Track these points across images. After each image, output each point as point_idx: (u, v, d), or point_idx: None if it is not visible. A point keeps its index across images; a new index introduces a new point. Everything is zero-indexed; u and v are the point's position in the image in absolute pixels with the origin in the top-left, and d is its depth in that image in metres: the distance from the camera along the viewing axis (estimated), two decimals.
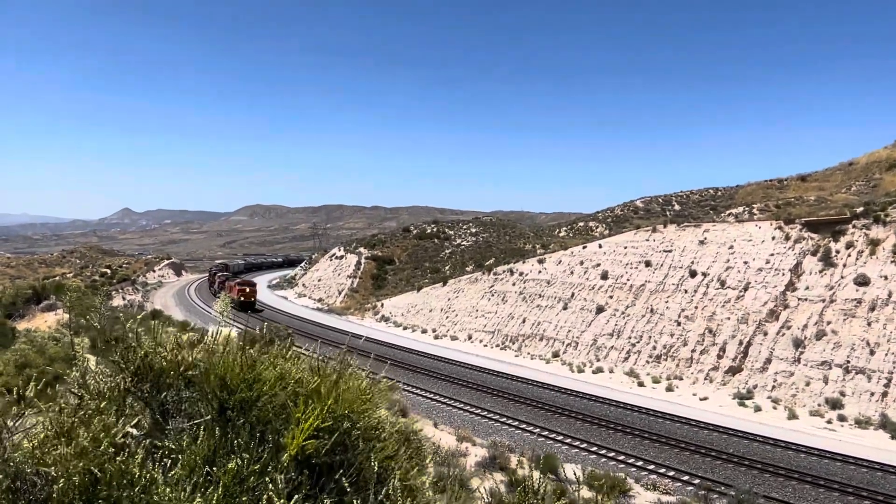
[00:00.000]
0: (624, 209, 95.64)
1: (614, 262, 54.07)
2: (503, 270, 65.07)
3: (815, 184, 67.69)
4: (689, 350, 41.68)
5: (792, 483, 21.87)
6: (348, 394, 2.44)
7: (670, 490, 18.08)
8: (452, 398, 33.12)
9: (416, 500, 2.28)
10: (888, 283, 36.11)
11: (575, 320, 51.37)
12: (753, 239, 46.07)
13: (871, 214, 40.70)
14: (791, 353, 36.88)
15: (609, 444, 25.90)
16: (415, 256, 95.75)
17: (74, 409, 2.48)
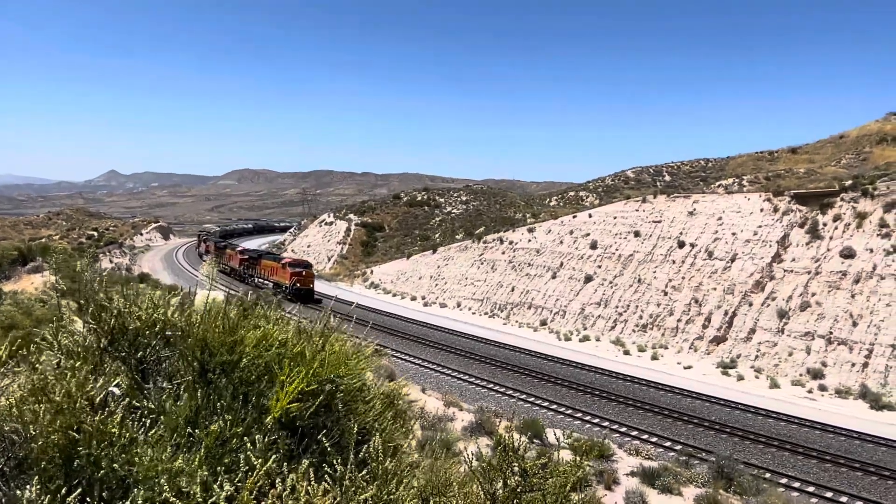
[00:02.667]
0: (615, 179, 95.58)
1: (604, 232, 54.20)
2: (493, 239, 65.09)
3: (806, 156, 67.82)
4: (675, 320, 42.13)
5: (771, 450, 22.36)
6: (333, 357, 2.41)
7: (652, 455, 18.43)
8: (441, 364, 33.40)
9: (398, 460, 2.27)
10: (873, 256, 36.48)
11: (563, 289, 51.66)
12: (742, 210, 46.26)
13: (860, 188, 40.90)
14: (775, 323, 37.37)
15: (594, 410, 26.30)
16: (405, 224, 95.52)
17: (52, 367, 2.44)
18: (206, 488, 1.87)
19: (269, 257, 62.70)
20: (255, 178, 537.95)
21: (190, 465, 1.94)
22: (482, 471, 2.17)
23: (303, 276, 52.59)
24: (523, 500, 1.94)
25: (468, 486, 2.23)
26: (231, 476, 1.94)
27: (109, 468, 1.96)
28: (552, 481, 2.03)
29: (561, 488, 1.99)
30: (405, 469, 2.48)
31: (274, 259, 60.51)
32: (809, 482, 19.13)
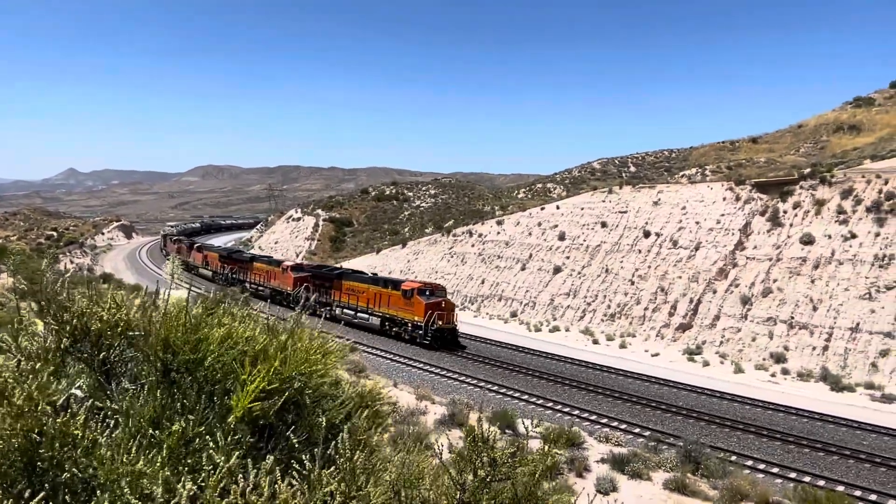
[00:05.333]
0: (582, 171, 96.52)
1: (571, 223, 54.74)
2: (462, 232, 65.23)
3: (766, 145, 69.36)
4: (642, 308, 42.81)
5: (737, 433, 22.91)
6: (298, 354, 2.39)
7: (622, 442, 18.75)
8: (412, 358, 33.38)
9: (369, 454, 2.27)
10: (831, 241, 37.56)
11: (533, 280, 52.07)
12: (705, 200, 47.16)
13: (818, 175, 42.04)
14: (739, 310, 38.25)
15: (565, 399, 26.59)
16: (373, 218, 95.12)
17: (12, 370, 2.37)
18: (169, 489, 1.85)
19: (319, 271, 47.57)
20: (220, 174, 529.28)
21: (152, 466, 1.91)
22: (453, 461, 2.19)
23: (442, 309, 35.52)
24: (493, 489, 1.96)
25: (440, 478, 2.24)
26: (195, 476, 1.92)
27: (72, 471, 1.92)
28: (521, 470, 2.06)
29: (530, 476, 2.01)
30: (377, 463, 2.49)
31: (329, 274, 45.42)
32: (774, 463, 19.66)
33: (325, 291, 43.54)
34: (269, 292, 48.53)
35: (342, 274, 43.77)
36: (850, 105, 69.77)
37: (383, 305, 38.18)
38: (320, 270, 47.31)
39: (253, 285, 52.63)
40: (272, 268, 51.70)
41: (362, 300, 39.91)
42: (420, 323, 35.16)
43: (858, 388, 29.92)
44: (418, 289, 36.28)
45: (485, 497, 1.92)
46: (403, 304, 36.55)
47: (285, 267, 49.64)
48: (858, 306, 33.70)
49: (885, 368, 30.83)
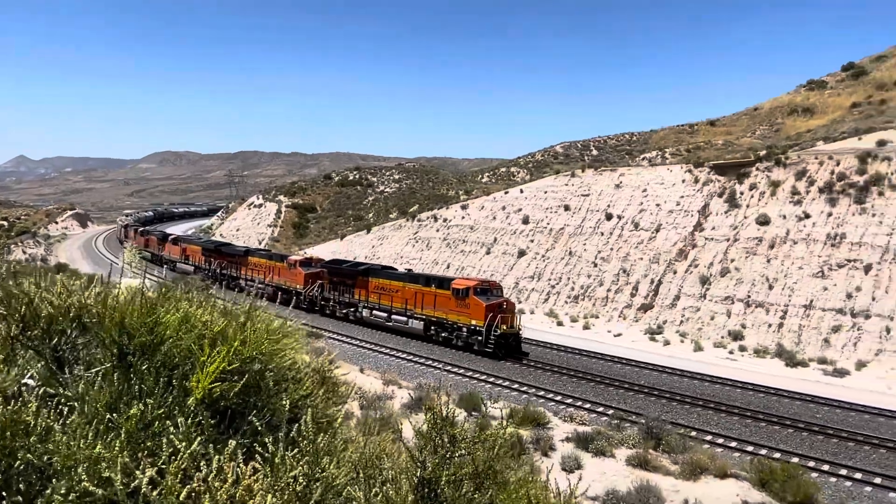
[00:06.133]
0: (544, 154, 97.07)
1: (535, 207, 55.15)
2: (427, 217, 65.18)
3: (724, 128, 70.78)
4: (604, 290, 43.51)
5: (697, 409, 23.56)
6: (256, 336, 2.36)
7: (586, 421, 19.11)
8: (378, 344, 33.35)
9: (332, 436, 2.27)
10: (786, 222, 38.67)
11: (498, 264, 52.41)
12: (665, 182, 47.99)
13: (773, 157, 43.12)
14: (698, 289, 39.18)
15: (530, 381, 26.93)
16: (337, 204, 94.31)
17: None
18: (128, 474, 1.81)
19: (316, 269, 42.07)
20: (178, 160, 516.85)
21: (111, 451, 1.87)
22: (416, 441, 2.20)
23: (504, 311, 30.92)
24: (453, 465, 1.97)
25: (401, 456, 2.25)
26: (155, 460, 1.89)
27: (26, 459, 1.87)
28: (481, 445, 2.08)
29: (489, 451, 2.04)
30: (340, 444, 2.48)
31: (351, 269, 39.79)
32: (732, 437, 20.29)
33: (347, 290, 38.87)
34: (273, 291, 43.66)
35: (369, 270, 38.69)
36: (804, 88, 71.58)
37: (427, 307, 33.39)
38: (340, 266, 41.50)
39: (249, 283, 46.77)
40: (274, 263, 46.32)
41: (397, 300, 35.17)
42: (478, 327, 30.51)
43: (812, 363, 31.02)
44: (474, 287, 31.58)
45: (444, 473, 1.93)
46: (455, 306, 31.76)
47: (293, 262, 44.20)
48: (812, 284, 34.85)
49: (837, 344, 32.01)
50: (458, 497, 1.88)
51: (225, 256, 52.60)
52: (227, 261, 51.63)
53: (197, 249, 58.07)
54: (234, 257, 51.37)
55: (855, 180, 37.54)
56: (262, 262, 47.76)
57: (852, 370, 29.75)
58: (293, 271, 43.47)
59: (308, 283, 41.84)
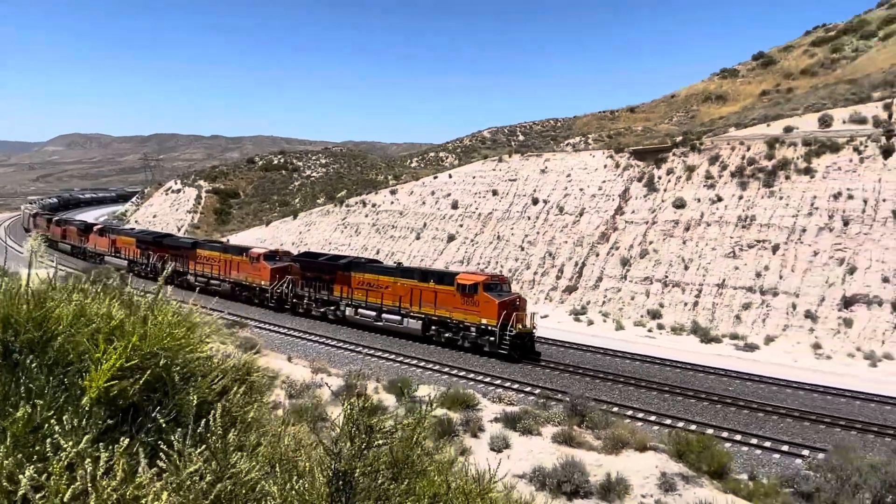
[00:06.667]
0: (472, 139, 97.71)
1: (464, 192, 55.49)
2: (356, 202, 64.45)
3: (643, 115, 73.22)
4: (532, 273, 44.39)
5: (619, 386, 24.49)
6: (158, 329, 2.22)
7: (514, 401, 19.48)
8: (307, 332, 32.83)
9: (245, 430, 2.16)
10: (701, 205, 40.50)
11: (427, 249, 52.50)
12: (588, 167, 49.27)
13: (688, 143, 44.98)
14: (619, 271, 40.57)
15: (460, 364, 27.21)
16: (261, 189, 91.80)
17: None
18: (14, 480, 1.66)
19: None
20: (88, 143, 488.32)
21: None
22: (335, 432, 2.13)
23: (517, 308, 28.34)
24: (371, 456, 1.92)
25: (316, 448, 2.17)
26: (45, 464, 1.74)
27: None
28: (400, 434, 2.04)
29: (407, 440, 2.00)
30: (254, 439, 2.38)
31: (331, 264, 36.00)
32: (651, 412, 21.21)
33: (325, 286, 35.43)
34: (231, 288, 40.98)
35: (351, 264, 35.18)
36: (718, 76, 74.94)
37: (426, 304, 30.53)
38: (315, 260, 37.44)
39: (200, 279, 43.09)
40: (231, 256, 41.95)
41: (388, 297, 32.12)
42: (490, 326, 27.97)
43: (725, 338, 32.79)
44: (484, 283, 28.84)
45: (359, 465, 1.88)
46: (461, 303, 29.10)
47: (256, 255, 40.12)
48: (724, 264, 36.72)
49: (748, 320, 33.93)
50: (373, 488, 1.83)
51: (166, 249, 47.29)
52: (170, 254, 46.23)
53: (129, 241, 51.93)
54: (178, 250, 46.36)
55: (764, 165, 39.68)
56: (214, 255, 43.22)
57: (761, 345, 31.65)
58: (256, 266, 39.64)
59: (275, 279, 38.38)
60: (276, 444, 2.38)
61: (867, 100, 41.26)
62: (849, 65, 59.74)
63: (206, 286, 41.25)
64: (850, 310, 31.86)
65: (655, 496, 12.10)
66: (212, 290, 40.91)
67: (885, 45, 59.79)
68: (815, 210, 35.96)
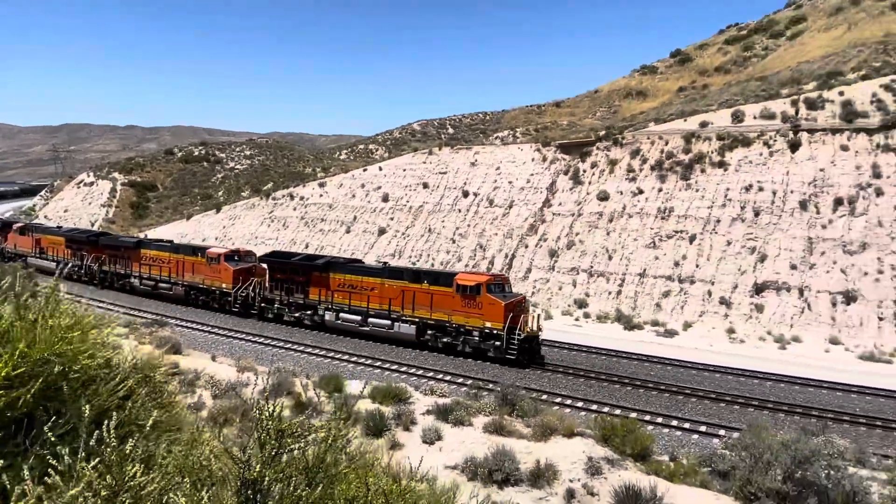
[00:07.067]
0: (402, 132, 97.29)
1: (394, 185, 55.20)
2: (283, 195, 62.99)
3: (568, 109, 74.92)
4: (463, 265, 44.68)
5: (548, 374, 25.02)
6: (51, 334, 2.03)
7: (446, 393, 19.55)
8: (233, 329, 31.85)
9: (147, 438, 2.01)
10: (623, 197, 41.84)
11: (358, 243, 51.96)
12: (517, 160, 49.99)
13: (611, 137, 46.33)
14: (547, 262, 41.43)
15: (392, 357, 27.08)
16: (181, 182, 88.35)
17: None
18: None
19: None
20: None
21: None
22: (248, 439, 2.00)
23: (523, 310, 26.84)
24: (283, 463, 1.82)
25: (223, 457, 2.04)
26: None
27: None
28: (315, 437, 1.95)
29: (323, 443, 1.91)
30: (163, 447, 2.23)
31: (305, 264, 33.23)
32: (578, 398, 21.78)
33: (299, 288, 32.70)
34: (185, 291, 37.72)
35: (330, 264, 32.41)
36: (638, 73, 77.52)
37: (420, 307, 28.40)
38: (288, 260, 34.37)
39: (147, 281, 39.84)
40: (184, 257, 38.27)
41: (375, 300, 29.83)
42: (495, 330, 26.15)
43: (646, 325, 34.07)
44: (487, 283, 26.83)
45: (269, 472, 1.77)
46: (462, 306, 27.09)
47: (215, 255, 36.54)
48: (645, 254, 38.11)
49: (667, 307, 35.36)
50: (286, 496, 1.74)
51: (103, 249, 43.25)
52: (109, 255, 42.59)
53: (58, 241, 47.09)
54: (118, 250, 42.37)
55: (681, 159, 41.36)
56: (163, 255, 39.40)
57: (680, 330, 33.08)
58: (216, 267, 36.19)
59: (238, 282, 35.27)
60: (189, 452, 2.24)
61: (776, 96, 43.67)
62: (759, 62, 63.08)
63: (154, 290, 39.16)
64: (761, 296, 33.74)
65: (582, 480, 12.42)
66: (161, 293, 38.85)
67: (792, 44, 63.45)
68: (728, 202, 37.81)
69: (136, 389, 2.46)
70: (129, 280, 41.18)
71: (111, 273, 42.40)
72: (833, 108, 39.37)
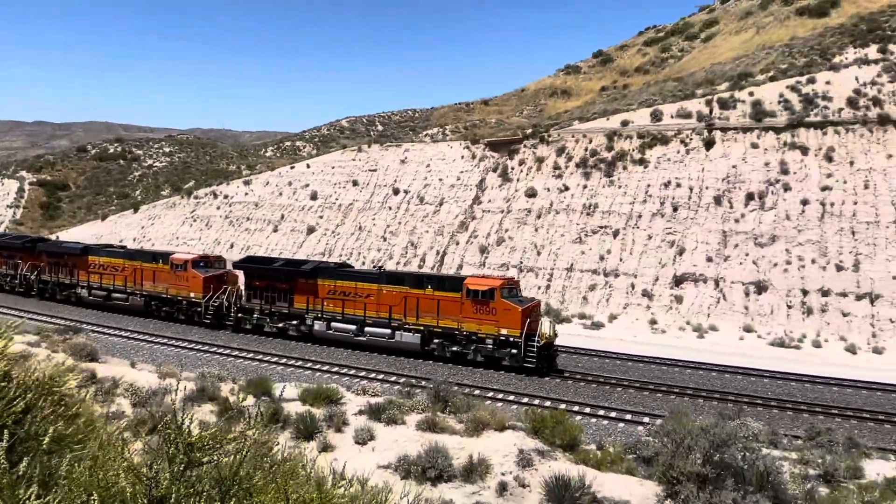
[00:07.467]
0: (331, 129, 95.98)
1: (323, 182, 54.34)
2: (205, 193, 60.88)
3: (496, 108, 75.89)
4: (394, 263, 44.52)
5: (480, 370, 25.25)
6: None
7: (378, 392, 19.40)
8: (154, 334, 30.54)
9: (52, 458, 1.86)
10: (550, 194, 42.74)
11: (286, 242, 50.86)
12: (447, 158, 50.20)
13: (538, 136, 47.23)
14: (478, 258, 41.83)
15: (324, 358, 26.66)
16: (96, 180, 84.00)
17: None
18: None
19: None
20: None
21: None
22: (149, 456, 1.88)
23: (538, 315, 26.18)
24: (191, 479, 1.72)
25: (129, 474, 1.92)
26: None
27: None
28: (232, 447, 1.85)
29: (237, 454, 1.81)
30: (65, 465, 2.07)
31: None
32: (511, 392, 22.10)
33: (282, 296, 30.17)
34: (145, 301, 34.41)
35: (318, 269, 29.90)
36: (562, 72, 79.36)
37: (425, 314, 26.48)
38: (269, 266, 31.93)
39: (97, 291, 36.28)
40: (141, 264, 34.92)
41: (372, 307, 27.74)
42: (511, 337, 24.60)
43: (574, 318, 34.95)
44: (501, 287, 25.08)
45: (177, 488, 1.67)
46: (473, 312, 25.32)
47: (181, 262, 33.31)
48: (572, 249, 39.09)
49: (593, 301, 36.40)
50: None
51: (42, 256, 39.25)
52: (49, 262, 38.62)
53: None
54: (60, 257, 38.33)
55: (605, 156, 42.64)
56: (116, 262, 35.91)
57: (606, 322, 34.12)
58: (181, 274, 33.12)
59: (209, 290, 32.40)
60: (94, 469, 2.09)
61: (691, 96, 45.68)
62: (676, 63, 65.79)
63: (107, 300, 35.80)
64: (681, 287, 35.25)
65: (514, 473, 12.60)
66: (116, 305, 35.60)
67: (705, 46, 66.50)
68: (649, 197, 39.28)
69: (37, 403, 2.28)
70: (75, 291, 37.46)
71: (53, 283, 38.46)
72: (744, 107, 41.54)
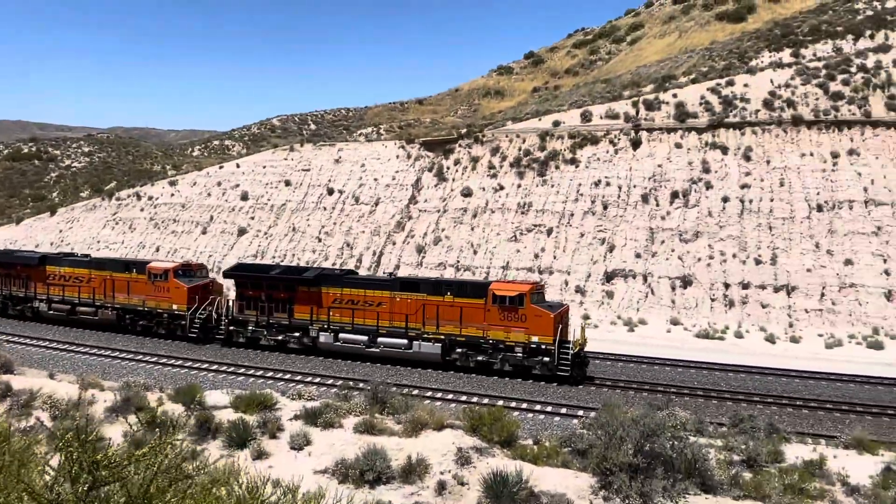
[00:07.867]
0: (261, 127, 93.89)
1: (254, 182, 53.03)
2: (128, 195, 58.33)
3: (431, 107, 76.07)
4: (330, 264, 43.89)
5: (418, 370, 25.21)
6: None
7: (314, 396, 19.06)
8: (75, 343, 29.01)
9: None
10: (486, 193, 43.14)
11: (216, 244, 49.34)
12: (382, 157, 49.90)
13: (472, 135, 47.60)
14: (415, 258, 41.78)
15: (258, 363, 25.99)
16: (8, 182, 79.17)
17: None
18: None
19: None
20: None
21: None
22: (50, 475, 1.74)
23: (567, 321, 25.01)
24: (96, 499, 1.59)
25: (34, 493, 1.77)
26: None
27: None
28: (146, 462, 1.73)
29: (149, 470, 1.70)
30: None
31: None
32: (449, 391, 22.17)
33: (282, 307, 28.08)
34: (117, 315, 31.56)
35: (322, 277, 27.96)
36: (495, 73, 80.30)
37: (447, 322, 24.91)
38: (264, 273, 29.57)
39: (59, 305, 33.20)
40: (112, 274, 32.04)
41: (385, 317, 25.99)
42: (544, 345, 23.27)
43: None
44: (530, 293, 23.74)
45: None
46: (500, 319, 23.91)
47: (160, 271, 30.66)
48: (508, 248, 39.59)
49: None
50: None
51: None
52: (2, 274, 35.36)
53: None
54: (12, 268, 34.97)
55: (538, 156, 43.39)
56: (81, 273, 32.83)
57: None
58: (162, 285, 30.38)
59: (194, 302, 29.98)
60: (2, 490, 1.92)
61: (619, 98, 47.08)
62: (604, 65, 67.69)
63: (71, 315, 32.81)
64: (612, 283, 36.27)
65: (453, 471, 12.62)
66: (82, 319, 32.67)
67: (631, 48, 68.71)
68: (580, 196, 40.23)
69: None
70: (31, 305, 34.31)
71: (4, 296, 35.27)
72: (668, 108, 43.15)
